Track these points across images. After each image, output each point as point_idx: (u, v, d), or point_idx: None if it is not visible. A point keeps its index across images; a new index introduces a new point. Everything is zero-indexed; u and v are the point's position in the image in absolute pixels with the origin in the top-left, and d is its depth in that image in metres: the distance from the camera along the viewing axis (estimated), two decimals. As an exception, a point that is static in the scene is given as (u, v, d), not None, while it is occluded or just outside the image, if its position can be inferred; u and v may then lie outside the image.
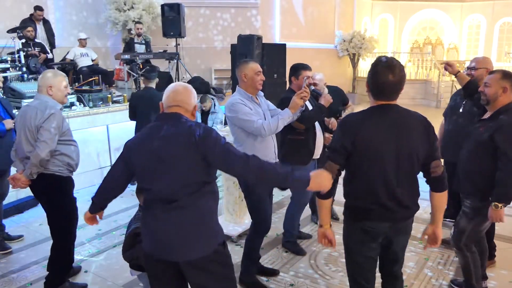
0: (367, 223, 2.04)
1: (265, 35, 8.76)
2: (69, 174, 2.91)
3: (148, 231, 1.92)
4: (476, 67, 3.26)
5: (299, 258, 3.51)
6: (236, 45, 6.18)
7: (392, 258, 2.20)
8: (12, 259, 3.55)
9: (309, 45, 11.45)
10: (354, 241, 2.12)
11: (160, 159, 1.82)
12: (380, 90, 1.97)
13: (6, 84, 5.30)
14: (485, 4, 14.61)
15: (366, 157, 1.97)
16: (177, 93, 1.93)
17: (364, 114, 2.04)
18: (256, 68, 2.85)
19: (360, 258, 2.14)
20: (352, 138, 1.96)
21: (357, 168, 2.02)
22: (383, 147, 1.95)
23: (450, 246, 3.60)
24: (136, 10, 8.97)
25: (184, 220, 1.82)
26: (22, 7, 7.48)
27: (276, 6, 10.91)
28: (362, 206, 2.04)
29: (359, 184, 2.04)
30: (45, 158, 2.71)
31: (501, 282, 3.09)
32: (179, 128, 1.84)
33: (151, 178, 1.86)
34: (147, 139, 1.88)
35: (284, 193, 4.99)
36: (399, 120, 1.98)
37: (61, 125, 2.77)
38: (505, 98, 2.58)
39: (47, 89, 2.82)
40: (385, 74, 1.92)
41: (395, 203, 2.00)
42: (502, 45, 14.42)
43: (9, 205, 4.52)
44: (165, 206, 1.83)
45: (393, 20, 15.44)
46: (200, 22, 10.14)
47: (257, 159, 1.83)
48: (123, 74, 7.39)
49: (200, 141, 1.79)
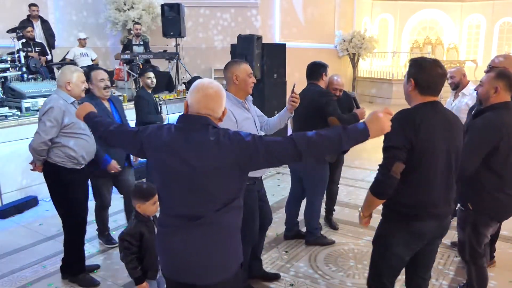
0: (416, 224, 2.01)
1: (265, 35, 8.75)
2: (75, 166, 2.99)
3: (166, 251, 1.75)
4: (493, 66, 3.10)
5: (299, 258, 3.51)
6: (236, 45, 6.17)
7: (426, 262, 2.19)
8: (12, 259, 3.54)
9: (309, 45, 11.45)
10: (397, 243, 2.06)
11: (191, 170, 1.61)
12: (432, 84, 1.97)
13: (6, 84, 5.31)
14: (485, 4, 14.61)
15: (423, 156, 1.93)
16: (209, 99, 1.68)
17: (420, 110, 1.97)
18: (248, 69, 2.67)
19: (395, 260, 2.10)
20: (412, 135, 1.91)
21: (411, 168, 1.95)
22: (440, 145, 1.94)
23: (450, 246, 3.61)
24: (136, 10, 8.96)
25: (208, 239, 1.65)
26: (22, 7, 7.47)
27: (276, 6, 10.90)
28: (414, 207, 2.00)
29: (412, 184, 1.98)
30: (37, 148, 2.88)
31: (501, 282, 3.09)
32: (210, 136, 1.62)
33: (174, 191, 1.68)
34: (173, 143, 1.67)
35: (284, 193, 4.98)
36: (449, 117, 2.02)
37: (62, 119, 2.87)
38: (496, 98, 2.50)
39: (65, 84, 2.94)
40: (435, 68, 1.96)
41: (445, 202, 2.02)
42: (502, 45, 14.42)
43: (9, 205, 4.53)
44: (187, 223, 1.66)
45: (393, 20, 15.45)
46: (200, 22, 10.13)
47: (301, 137, 1.60)
48: (123, 74, 7.38)
49: (235, 148, 1.60)
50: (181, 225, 1.68)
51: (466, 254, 2.63)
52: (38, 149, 2.89)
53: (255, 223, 2.85)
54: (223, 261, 1.70)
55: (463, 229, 2.60)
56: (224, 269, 1.70)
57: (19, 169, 4.72)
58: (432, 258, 2.21)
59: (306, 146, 1.59)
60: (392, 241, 2.08)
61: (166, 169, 1.69)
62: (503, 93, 2.49)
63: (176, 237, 1.69)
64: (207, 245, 1.66)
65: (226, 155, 1.60)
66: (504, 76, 2.50)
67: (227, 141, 1.62)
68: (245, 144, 1.61)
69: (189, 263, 1.68)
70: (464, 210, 2.57)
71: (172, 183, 1.68)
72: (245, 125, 2.62)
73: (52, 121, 2.85)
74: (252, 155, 1.61)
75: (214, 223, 1.65)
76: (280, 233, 3.92)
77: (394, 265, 2.13)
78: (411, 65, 2.02)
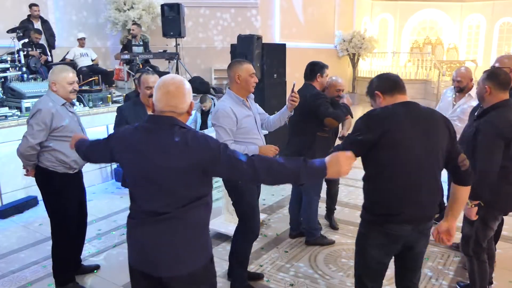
0: (390, 225, 1.99)
1: (265, 35, 8.75)
2: (67, 171, 2.87)
3: (133, 242, 1.81)
4: (496, 66, 3.09)
5: (299, 258, 3.51)
6: (236, 45, 6.17)
7: (411, 266, 2.16)
8: (12, 259, 3.54)
9: (309, 45, 11.45)
10: (372, 244, 2.06)
11: (156, 168, 1.67)
12: (397, 85, 2.04)
13: (6, 84, 5.31)
14: (485, 4, 14.61)
15: (394, 154, 1.93)
16: (170, 96, 1.71)
17: (391, 109, 1.99)
18: (251, 69, 2.73)
19: (372, 262, 2.10)
20: (379, 133, 1.92)
21: (382, 167, 1.96)
22: (412, 143, 1.93)
23: (450, 246, 3.61)
24: (136, 10, 8.96)
25: (173, 233, 1.70)
26: (22, 7, 7.47)
27: (276, 6, 10.90)
28: (386, 207, 1.99)
29: (383, 184, 1.99)
30: (25, 152, 2.78)
31: (501, 282, 3.09)
32: (175, 137, 1.67)
33: (142, 189, 1.74)
34: (140, 143, 1.72)
35: (284, 193, 4.99)
36: (424, 116, 2.00)
37: (50, 122, 2.75)
38: (491, 98, 2.53)
39: (51, 85, 2.85)
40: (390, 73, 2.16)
41: (419, 204, 1.97)
42: (502, 45, 14.43)
43: (9, 205, 4.53)
44: (154, 217, 1.71)
45: (393, 20, 15.45)
46: (200, 22, 10.13)
47: (263, 161, 1.69)
48: (123, 74, 7.39)
49: (199, 152, 1.65)
50: (148, 219, 1.73)
51: (470, 249, 2.65)
52: (26, 153, 2.78)
53: (255, 219, 2.87)
54: (187, 255, 1.73)
55: (470, 224, 2.61)
56: (188, 262, 1.73)
57: (19, 169, 4.66)
58: (417, 262, 2.16)
59: (266, 174, 1.68)
60: (367, 242, 2.09)
61: (134, 168, 1.75)
62: (495, 93, 2.52)
63: (143, 229, 1.75)
64: (171, 239, 1.70)
65: (190, 157, 1.65)
66: (492, 77, 2.53)
67: (194, 144, 1.66)
68: (210, 151, 1.67)
69: (154, 255, 1.72)
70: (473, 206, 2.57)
71: (141, 181, 1.73)
72: (245, 122, 2.72)
73: (40, 124, 2.73)
74: (215, 163, 1.67)
75: (179, 218, 1.70)
76: (280, 233, 3.92)
77: (372, 267, 2.12)
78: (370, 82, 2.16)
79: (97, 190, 5.32)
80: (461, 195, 2.09)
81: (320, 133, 3.38)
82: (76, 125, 2.94)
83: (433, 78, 12.13)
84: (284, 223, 4.07)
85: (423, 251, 2.16)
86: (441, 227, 2.12)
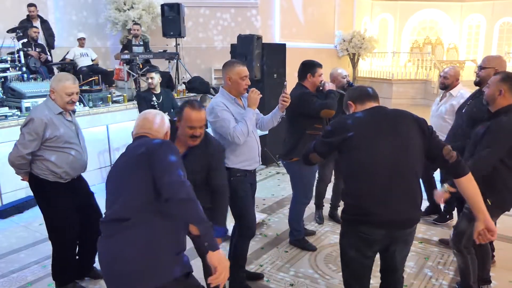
0: (362, 228, 1.99)
1: (265, 35, 8.75)
2: (58, 180, 2.80)
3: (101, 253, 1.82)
4: (483, 66, 3.14)
5: (299, 258, 3.51)
6: (236, 45, 6.17)
7: (391, 267, 2.17)
8: (12, 259, 3.54)
9: (309, 45, 11.44)
10: (350, 246, 2.08)
11: (119, 176, 1.84)
12: (366, 93, 2.15)
13: (6, 84, 5.31)
14: (485, 4, 14.61)
15: (358, 156, 1.97)
16: (146, 121, 1.97)
17: (359, 113, 2.09)
18: (242, 72, 2.72)
19: (352, 263, 2.10)
20: (342, 136, 1.99)
21: (350, 168, 2.01)
22: (376, 144, 1.95)
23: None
24: (136, 10, 8.96)
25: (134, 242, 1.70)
26: (22, 7, 7.47)
27: (276, 6, 10.90)
28: (357, 208, 2.00)
29: (354, 185, 2.01)
30: (15, 161, 2.73)
31: (501, 282, 3.09)
32: (137, 144, 1.85)
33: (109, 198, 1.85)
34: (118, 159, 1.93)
35: (284, 193, 4.99)
36: (392, 117, 2.02)
37: (43, 132, 2.67)
38: (503, 100, 2.54)
39: (50, 92, 2.78)
40: (362, 86, 2.28)
41: (390, 208, 1.93)
42: (502, 45, 14.43)
43: (9, 205, 4.53)
44: (116, 225, 1.74)
45: (393, 20, 15.45)
46: (200, 22, 10.13)
47: (193, 193, 1.67)
48: (123, 74, 7.37)
49: (146, 156, 1.76)
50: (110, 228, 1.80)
51: (462, 245, 2.67)
52: (16, 162, 2.72)
53: (250, 215, 2.87)
54: (160, 264, 1.71)
55: (470, 220, 2.56)
56: (163, 272, 1.71)
57: (19, 169, 4.72)
58: (394, 262, 2.14)
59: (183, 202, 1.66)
60: (345, 243, 2.12)
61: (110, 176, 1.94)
62: (508, 96, 2.53)
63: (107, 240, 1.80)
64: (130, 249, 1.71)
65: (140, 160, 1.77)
66: (509, 79, 2.54)
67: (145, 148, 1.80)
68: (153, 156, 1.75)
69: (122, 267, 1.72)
70: None
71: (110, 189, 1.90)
72: (238, 120, 2.74)
73: (32, 134, 2.65)
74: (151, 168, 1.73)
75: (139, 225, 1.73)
76: (280, 233, 3.92)
77: (353, 268, 2.13)
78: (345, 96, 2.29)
79: (97, 190, 5.30)
80: (468, 187, 2.03)
81: (310, 131, 3.32)
82: (73, 134, 2.85)
83: (433, 78, 12.11)
84: (284, 223, 4.07)
85: (404, 256, 2.15)
86: (478, 227, 2.07)
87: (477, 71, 3.24)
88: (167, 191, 1.66)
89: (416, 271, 3.27)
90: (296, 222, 3.66)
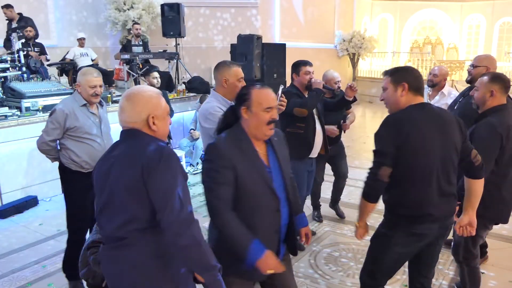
0: (415, 226, 2.02)
1: (265, 35, 8.76)
2: (79, 169, 2.97)
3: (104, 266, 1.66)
4: (474, 65, 3.15)
5: (299, 258, 3.51)
6: (236, 45, 6.18)
7: (429, 261, 2.19)
8: (12, 259, 3.54)
9: (309, 45, 11.46)
10: (396, 243, 2.07)
11: (108, 183, 1.56)
12: (420, 84, 2.06)
13: (6, 84, 5.31)
14: (485, 4, 14.62)
15: (414, 158, 1.95)
16: (121, 111, 1.62)
17: (407, 113, 2.01)
18: (239, 74, 2.57)
19: (393, 260, 2.13)
20: (398, 139, 1.95)
21: (404, 171, 1.98)
22: (432, 145, 1.96)
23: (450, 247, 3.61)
24: (136, 10, 8.97)
25: (129, 261, 1.56)
26: (22, 7, 7.47)
27: (276, 6, 10.91)
28: (412, 208, 2.01)
29: (407, 187, 2.00)
30: (40, 147, 2.94)
31: (501, 282, 3.09)
32: (131, 150, 1.56)
33: (100, 210, 1.61)
34: (103, 159, 1.67)
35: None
36: (438, 116, 2.03)
37: (64, 121, 2.87)
38: (493, 102, 2.49)
39: (76, 85, 2.99)
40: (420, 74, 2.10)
41: (445, 201, 2.02)
42: (502, 45, 14.43)
43: (9, 205, 4.52)
44: (112, 244, 1.58)
45: (393, 20, 15.46)
46: (200, 22, 10.13)
47: (198, 233, 1.49)
48: (123, 74, 7.38)
49: (142, 179, 1.48)
50: (108, 246, 1.63)
51: (460, 256, 2.64)
52: (41, 148, 2.95)
53: None
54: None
55: None
56: None
57: (19, 169, 4.73)
58: (435, 258, 2.22)
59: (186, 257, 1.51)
60: (391, 241, 2.09)
61: (96, 184, 1.71)
62: (499, 96, 2.50)
63: (106, 263, 1.65)
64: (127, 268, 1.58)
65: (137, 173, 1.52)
66: (499, 79, 2.51)
67: (145, 159, 1.54)
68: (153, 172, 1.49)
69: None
70: None
71: (99, 201, 1.67)
72: None
73: (54, 123, 2.88)
74: (147, 185, 1.50)
75: (135, 244, 1.55)
76: (280, 233, 3.92)
77: (391, 265, 2.16)
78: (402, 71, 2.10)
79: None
80: (476, 188, 2.16)
81: (290, 129, 3.30)
82: (95, 126, 3.00)
83: (433, 78, 12.12)
84: (284, 223, 4.07)
85: (441, 243, 2.19)
86: (462, 221, 2.19)
87: (469, 69, 3.26)
88: (168, 233, 1.47)
89: (416, 271, 3.27)
90: None
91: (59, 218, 4.40)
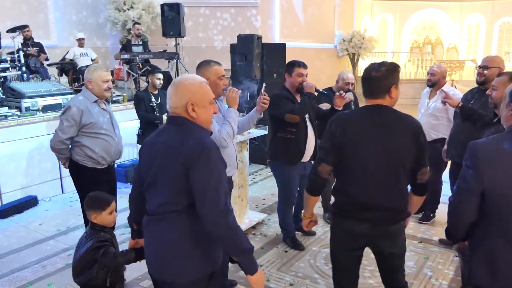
0: (347, 221, 2.05)
1: (265, 35, 8.75)
2: (96, 166, 3.01)
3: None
4: (488, 66, 3.19)
5: (299, 258, 3.51)
6: (236, 45, 6.17)
7: (389, 266, 2.16)
8: (12, 259, 3.54)
9: (309, 45, 11.45)
10: (333, 239, 2.19)
11: (153, 166, 1.70)
12: (365, 86, 2.02)
13: (6, 84, 5.31)
14: (485, 4, 14.62)
15: (351, 156, 1.98)
16: (168, 98, 1.75)
17: (351, 113, 2.13)
18: (220, 72, 2.61)
19: (336, 259, 2.20)
20: (338, 135, 1.99)
21: (340, 164, 2.03)
22: (365, 145, 1.95)
23: (450, 246, 3.61)
24: (136, 9, 8.97)
25: (163, 235, 1.70)
26: (22, 7, 7.47)
27: (276, 6, 10.90)
28: (342, 203, 2.07)
29: (340, 181, 2.08)
30: (55, 146, 2.96)
31: (501, 282, 3.09)
32: (175, 138, 1.67)
33: (146, 187, 1.76)
34: (151, 142, 1.78)
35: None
36: (386, 122, 1.97)
37: (79, 118, 2.90)
38: None
39: (87, 83, 3.00)
40: (368, 71, 2.01)
41: (372, 204, 1.97)
42: (502, 45, 14.43)
43: (9, 205, 4.52)
44: (152, 217, 1.75)
45: (393, 20, 15.45)
46: (200, 22, 10.13)
47: (233, 221, 1.62)
48: (122, 74, 7.39)
49: (187, 162, 1.60)
50: (147, 219, 1.79)
51: None
52: (56, 147, 2.96)
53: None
54: (177, 263, 1.70)
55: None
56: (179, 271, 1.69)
57: (19, 169, 4.73)
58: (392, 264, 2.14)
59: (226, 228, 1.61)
60: (334, 239, 2.20)
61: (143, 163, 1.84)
62: None
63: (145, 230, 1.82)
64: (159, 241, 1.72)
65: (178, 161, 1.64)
66: None
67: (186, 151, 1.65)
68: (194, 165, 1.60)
69: (149, 257, 1.79)
70: None
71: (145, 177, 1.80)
72: (214, 122, 2.57)
73: (70, 120, 2.90)
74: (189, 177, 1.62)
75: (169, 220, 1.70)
76: (280, 233, 3.92)
77: (336, 264, 2.21)
78: None
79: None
80: (413, 202, 2.09)
81: (281, 133, 3.31)
82: (107, 122, 3.06)
83: (433, 78, 12.12)
84: (284, 223, 4.07)
85: (397, 254, 2.12)
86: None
87: (480, 70, 3.27)
88: (206, 223, 1.60)
89: (416, 271, 3.27)
90: (282, 221, 3.68)
91: (59, 218, 4.40)
